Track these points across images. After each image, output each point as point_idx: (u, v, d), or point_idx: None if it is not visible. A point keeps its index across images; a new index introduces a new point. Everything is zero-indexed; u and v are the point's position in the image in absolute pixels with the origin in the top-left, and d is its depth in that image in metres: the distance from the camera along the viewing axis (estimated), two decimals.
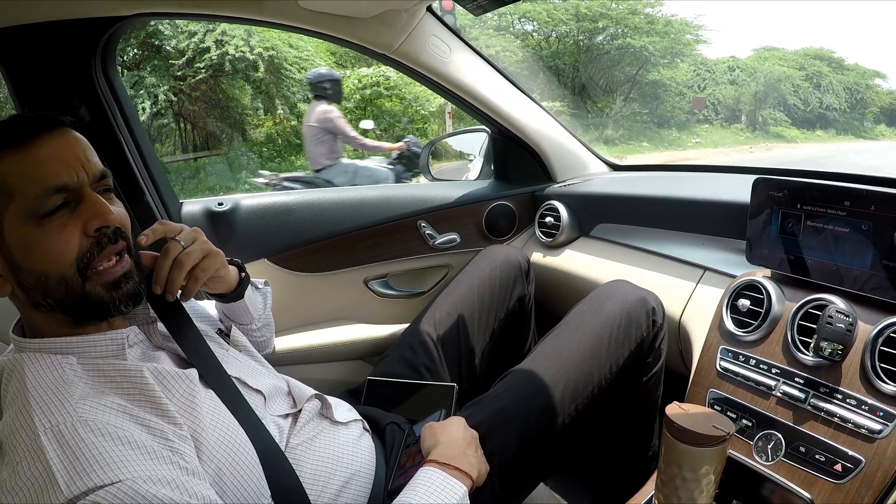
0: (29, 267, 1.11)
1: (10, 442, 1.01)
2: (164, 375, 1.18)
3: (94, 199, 1.13)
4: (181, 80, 15.87)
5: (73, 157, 1.13)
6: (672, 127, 23.41)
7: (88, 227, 1.12)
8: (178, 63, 15.42)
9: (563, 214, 2.38)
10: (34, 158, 1.10)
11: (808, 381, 1.34)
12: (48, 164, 1.10)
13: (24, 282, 1.13)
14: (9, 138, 1.10)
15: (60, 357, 1.13)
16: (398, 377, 1.83)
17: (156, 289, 1.31)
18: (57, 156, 1.11)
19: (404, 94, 17.87)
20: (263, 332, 1.68)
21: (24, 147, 1.10)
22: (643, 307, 1.69)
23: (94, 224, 1.12)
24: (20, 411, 1.04)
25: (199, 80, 15.99)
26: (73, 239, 1.11)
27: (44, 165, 1.09)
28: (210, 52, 15.20)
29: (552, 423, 1.55)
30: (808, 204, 1.42)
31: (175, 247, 1.33)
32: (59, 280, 1.11)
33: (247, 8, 1.92)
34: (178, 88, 15.88)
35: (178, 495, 0.97)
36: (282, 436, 1.32)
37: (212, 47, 15.19)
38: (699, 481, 1.12)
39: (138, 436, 1.03)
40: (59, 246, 1.10)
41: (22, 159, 1.09)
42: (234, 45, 15.20)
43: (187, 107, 16.92)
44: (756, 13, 47.20)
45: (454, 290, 2.03)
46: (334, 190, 2.44)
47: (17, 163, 1.09)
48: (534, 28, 22.52)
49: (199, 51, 15.30)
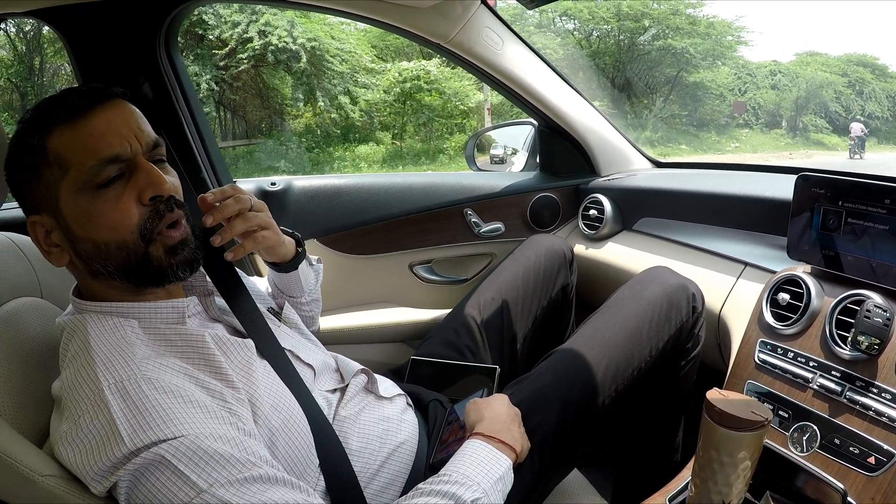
0: (87, 236, 1.14)
1: (72, 396, 1.05)
2: (223, 342, 1.22)
3: (149, 168, 1.15)
4: (223, 70, 15.96)
5: (126, 128, 1.15)
6: (711, 130, 23.16)
7: (143, 196, 1.14)
8: (221, 53, 15.52)
9: (607, 207, 2.39)
10: (88, 130, 1.12)
11: (845, 374, 1.34)
12: (102, 135, 1.12)
13: (82, 251, 1.16)
14: (62, 112, 1.13)
15: (122, 319, 1.17)
16: (441, 358, 1.85)
17: (216, 240, 1.33)
18: (110, 127, 1.13)
19: (444, 89, 17.83)
20: (312, 307, 1.72)
21: (78, 120, 1.12)
22: (684, 293, 1.70)
23: (149, 193, 1.15)
24: (83, 367, 1.07)
25: (240, 70, 16.07)
26: (131, 209, 1.14)
27: (98, 137, 1.12)
28: (253, 42, 15.27)
29: (593, 402, 1.56)
30: (850, 201, 1.43)
31: (247, 200, 1.36)
32: (119, 247, 1.14)
33: None
34: (220, 77, 15.98)
35: (237, 452, 1.00)
36: (330, 409, 1.34)
37: (255, 37, 15.27)
38: (736, 466, 1.12)
39: (199, 395, 1.07)
40: (117, 216, 1.13)
41: (76, 132, 1.12)
42: (278, 36, 15.26)
43: (228, 96, 17.03)
44: (799, 16, 46.53)
45: (499, 276, 2.05)
46: (384, 175, 2.48)
47: (71, 135, 1.11)
48: (574, 26, 22.38)
49: (241, 41, 15.38)
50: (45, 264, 1.39)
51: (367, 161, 17.39)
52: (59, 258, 1.19)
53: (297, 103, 17.53)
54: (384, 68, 18.31)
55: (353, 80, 17.38)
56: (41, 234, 1.18)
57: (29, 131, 1.13)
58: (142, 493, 0.98)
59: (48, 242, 1.18)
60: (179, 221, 1.21)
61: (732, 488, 1.15)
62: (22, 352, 1.22)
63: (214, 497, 0.95)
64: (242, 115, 18.32)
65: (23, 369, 1.20)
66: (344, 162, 17.24)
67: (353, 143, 18.11)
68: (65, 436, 1.03)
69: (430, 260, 2.52)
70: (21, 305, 1.31)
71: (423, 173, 3.14)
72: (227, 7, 15.30)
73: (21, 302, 1.32)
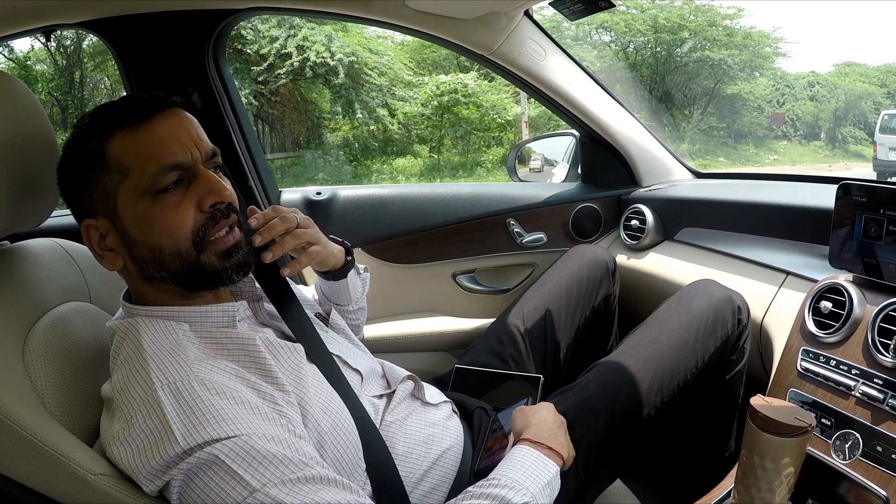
0: (144, 241, 1.17)
1: (124, 398, 1.07)
2: (274, 345, 1.24)
3: (209, 176, 1.18)
4: (262, 84, 16.09)
5: (186, 136, 1.17)
6: (749, 142, 22.91)
7: (204, 203, 1.17)
8: (259, 68, 15.64)
9: (649, 218, 2.39)
10: (149, 137, 1.14)
11: (887, 382, 1.34)
12: (163, 142, 1.14)
13: (137, 255, 1.18)
14: (123, 118, 1.15)
15: (174, 323, 1.19)
16: (485, 366, 1.85)
17: (267, 256, 1.34)
18: (171, 134, 1.16)
19: (481, 102, 17.81)
20: (358, 315, 1.73)
21: (139, 126, 1.14)
22: (729, 305, 1.69)
23: (210, 200, 1.17)
24: (136, 368, 1.09)
25: (279, 85, 16.20)
26: (189, 215, 1.16)
27: (159, 144, 1.14)
28: (291, 57, 15.37)
29: (638, 413, 1.56)
30: (891, 209, 1.42)
31: (293, 219, 1.38)
32: (173, 253, 1.17)
33: (355, 6, 2.00)
34: (259, 92, 16.11)
35: (290, 452, 1.02)
36: (377, 414, 1.35)
37: (293, 53, 15.36)
38: (779, 472, 1.13)
39: (250, 397, 1.09)
40: (177, 221, 1.15)
41: (137, 138, 1.14)
42: (316, 51, 15.34)
43: (266, 110, 17.15)
44: (837, 26, 45.96)
45: (542, 286, 2.06)
46: (427, 185, 2.51)
47: (132, 141, 1.14)
48: (611, 38, 22.29)
49: (279, 56, 15.49)
50: (94, 270, 1.43)
51: (405, 174, 17.41)
52: (113, 262, 1.22)
53: (335, 116, 17.61)
54: (422, 81, 18.35)
55: (390, 93, 17.45)
56: (95, 238, 1.21)
57: (88, 136, 1.16)
58: (194, 492, 1.00)
59: (102, 246, 1.21)
60: (233, 226, 1.24)
61: (776, 494, 1.15)
62: (71, 355, 1.24)
63: (268, 496, 0.97)
64: (280, 128, 18.43)
65: (72, 371, 1.22)
66: (382, 175, 17.29)
67: (391, 156, 18.14)
68: (117, 435, 1.04)
69: (472, 269, 2.54)
70: (70, 310, 1.33)
71: (465, 184, 3.16)
72: (265, 22, 15.43)
73: (70, 306, 1.34)
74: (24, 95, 1.26)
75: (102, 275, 1.45)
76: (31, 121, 1.25)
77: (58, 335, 1.25)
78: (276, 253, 1.35)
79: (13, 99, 1.23)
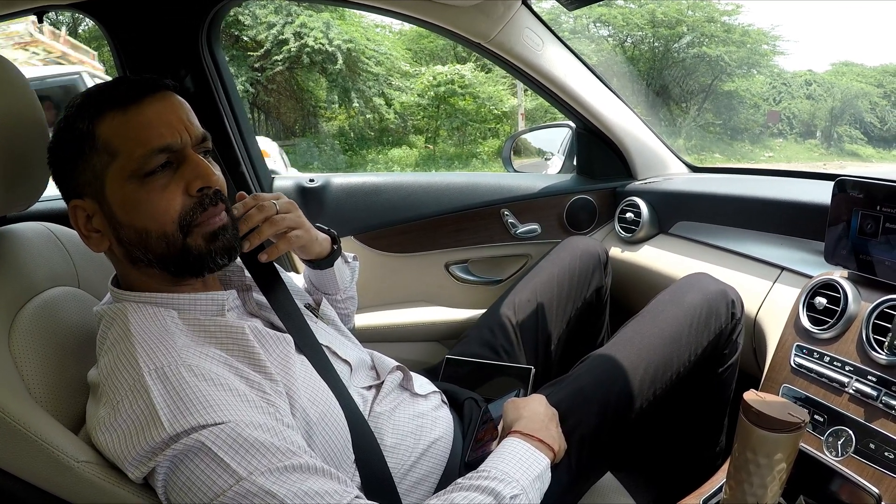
0: (130, 223, 1.15)
1: (111, 382, 1.06)
2: (262, 335, 1.22)
3: (198, 160, 1.17)
4: (259, 72, 16.06)
5: (176, 120, 1.16)
6: (745, 139, 22.94)
7: (191, 187, 1.16)
8: (256, 55, 15.61)
9: (644, 211, 2.39)
10: (139, 119, 1.13)
11: (881, 379, 1.34)
12: (153, 125, 1.13)
13: (123, 238, 1.17)
14: (113, 99, 1.14)
15: (162, 309, 1.18)
16: (476, 357, 1.85)
17: (245, 245, 1.33)
18: (161, 117, 1.15)
19: (478, 93, 17.84)
20: (347, 304, 1.73)
21: (129, 108, 1.13)
22: (723, 299, 1.69)
23: (197, 184, 1.16)
24: (123, 353, 1.08)
25: (275, 72, 16.17)
26: (176, 198, 1.15)
27: (149, 127, 1.13)
28: (289, 43, 15.34)
29: (630, 405, 1.56)
30: (888, 206, 1.42)
31: (271, 207, 1.37)
32: (160, 236, 1.15)
33: None
34: (255, 79, 16.08)
35: (277, 440, 1.01)
36: (365, 405, 1.35)
37: (290, 39, 15.33)
38: (772, 468, 1.12)
39: (238, 384, 1.08)
40: (163, 204, 1.14)
41: (127, 120, 1.13)
42: (314, 38, 15.31)
43: (262, 97, 17.14)
44: (835, 25, 45.97)
45: (535, 278, 2.05)
46: (422, 174, 2.49)
47: (121, 123, 1.13)
48: (609, 32, 22.28)
49: (277, 42, 15.46)
50: (83, 255, 1.41)
51: (400, 164, 17.42)
52: (99, 243, 1.20)
53: (331, 105, 17.61)
54: (419, 72, 18.35)
55: (387, 82, 17.45)
56: (82, 219, 1.19)
57: (78, 116, 1.15)
58: (180, 479, 0.99)
59: (88, 227, 1.20)
60: (221, 211, 1.22)
61: (768, 490, 1.15)
62: (58, 339, 1.23)
63: (254, 485, 0.96)
64: (276, 116, 18.44)
65: (59, 357, 1.21)
66: (377, 165, 17.30)
67: (387, 146, 18.16)
68: (102, 421, 1.03)
69: (466, 260, 2.53)
70: (58, 294, 1.32)
71: (460, 173, 3.15)
72: (262, 7, 15.40)
73: (58, 291, 1.33)
74: (15, 77, 1.24)
75: (92, 260, 1.43)
76: (20, 102, 1.24)
77: (45, 320, 1.23)
78: (254, 242, 1.35)
79: (3, 80, 1.21)
